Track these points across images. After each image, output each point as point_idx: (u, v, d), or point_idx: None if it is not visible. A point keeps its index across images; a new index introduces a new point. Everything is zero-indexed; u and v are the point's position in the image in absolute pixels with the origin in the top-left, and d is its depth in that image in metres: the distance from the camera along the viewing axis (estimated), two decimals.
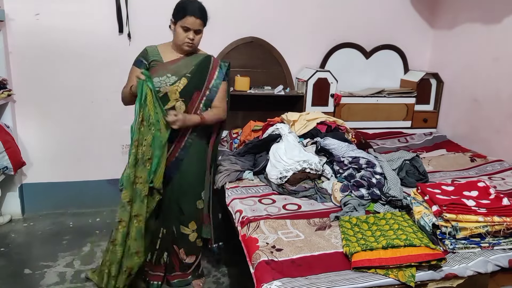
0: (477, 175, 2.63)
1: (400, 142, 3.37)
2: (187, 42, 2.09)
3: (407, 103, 3.53)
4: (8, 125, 2.99)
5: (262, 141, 2.53)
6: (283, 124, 2.63)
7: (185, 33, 2.07)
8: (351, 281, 1.42)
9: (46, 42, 3.03)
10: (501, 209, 1.62)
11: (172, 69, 2.14)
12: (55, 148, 3.24)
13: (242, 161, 2.46)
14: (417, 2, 3.61)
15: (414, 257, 1.45)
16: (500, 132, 2.99)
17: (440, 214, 1.61)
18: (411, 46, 3.68)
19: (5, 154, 2.81)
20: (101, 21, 3.10)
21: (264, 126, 2.76)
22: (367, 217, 1.82)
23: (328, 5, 3.45)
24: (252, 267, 1.54)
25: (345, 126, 2.70)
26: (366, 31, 3.56)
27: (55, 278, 2.46)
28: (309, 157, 2.24)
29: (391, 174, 2.17)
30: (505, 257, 1.57)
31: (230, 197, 2.14)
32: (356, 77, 3.60)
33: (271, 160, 2.31)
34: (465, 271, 1.50)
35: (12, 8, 2.92)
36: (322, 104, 3.33)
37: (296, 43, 3.46)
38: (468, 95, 3.29)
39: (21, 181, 3.24)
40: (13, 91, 3.00)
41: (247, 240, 1.71)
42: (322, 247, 1.63)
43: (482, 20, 3.14)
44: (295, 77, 3.48)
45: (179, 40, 2.10)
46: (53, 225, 3.13)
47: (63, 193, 3.31)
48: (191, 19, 2.04)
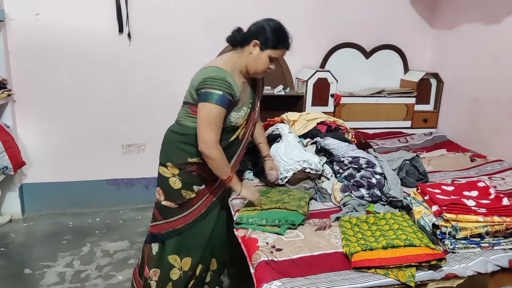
0: (477, 175, 2.63)
1: (400, 142, 3.37)
2: (267, 71, 1.83)
3: (407, 103, 3.53)
4: (8, 125, 2.99)
5: None
6: (283, 124, 2.63)
7: (269, 62, 1.80)
8: (351, 281, 1.42)
9: (46, 42, 3.03)
10: (501, 209, 1.62)
11: (243, 99, 1.86)
12: (55, 148, 3.24)
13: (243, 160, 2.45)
14: (416, 2, 3.61)
15: (414, 257, 1.45)
16: (500, 132, 2.99)
17: (440, 214, 1.61)
18: (411, 46, 3.69)
19: (5, 154, 2.81)
20: (101, 21, 3.10)
21: (264, 126, 2.76)
22: (367, 217, 1.82)
23: (328, 5, 3.46)
24: (252, 267, 1.54)
25: (345, 126, 2.70)
26: (366, 31, 3.56)
27: (55, 278, 2.47)
28: (309, 157, 2.24)
29: (391, 174, 2.17)
30: (505, 257, 1.56)
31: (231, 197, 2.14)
32: (356, 77, 3.60)
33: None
34: (465, 271, 1.50)
35: (12, 8, 2.93)
36: (322, 104, 3.33)
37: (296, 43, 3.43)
38: (468, 95, 3.29)
39: (21, 181, 3.24)
40: (13, 91, 3.00)
41: (247, 240, 1.71)
42: (322, 247, 1.63)
43: (482, 20, 3.14)
44: (295, 77, 3.48)
45: (259, 67, 1.80)
46: (53, 225, 3.13)
47: (63, 193, 3.31)
48: (284, 51, 1.83)
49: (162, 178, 1.92)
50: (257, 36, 1.77)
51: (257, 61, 1.79)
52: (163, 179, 1.91)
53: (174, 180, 1.88)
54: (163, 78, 3.28)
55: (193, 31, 3.24)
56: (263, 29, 1.77)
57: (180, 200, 1.90)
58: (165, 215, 1.94)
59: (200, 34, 3.24)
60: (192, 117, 1.82)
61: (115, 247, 2.84)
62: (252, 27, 1.81)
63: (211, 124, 1.71)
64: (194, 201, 1.91)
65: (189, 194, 1.89)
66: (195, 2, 3.17)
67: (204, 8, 3.22)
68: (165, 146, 1.94)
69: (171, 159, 1.89)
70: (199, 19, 3.23)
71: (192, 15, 3.22)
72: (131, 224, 3.20)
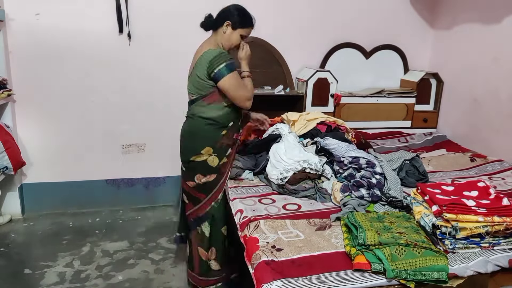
0: (477, 175, 2.63)
1: (400, 142, 3.37)
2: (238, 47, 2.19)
3: (407, 103, 3.53)
4: (8, 125, 2.99)
5: (262, 141, 2.53)
6: (283, 124, 2.63)
7: (240, 39, 2.16)
8: (351, 281, 1.42)
9: (46, 42, 3.03)
10: (501, 209, 1.61)
11: None
12: (55, 148, 3.24)
13: (244, 159, 2.45)
14: (417, 2, 3.61)
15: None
16: (500, 132, 2.99)
17: (440, 214, 1.61)
18: (411, 46, 3.69)
19: (5, 154, 2.82)
20: (101, 21, 3.10)
21: None
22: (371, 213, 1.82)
23: (328, 5, 3.46)
24: (252, 267, 1.53)
25: (345, 126, 2.69)
26: (366, 31, 3.56)
27: (55, 278, 2.47)
28: (309, 157, 2.24)
29: (391, 174, 2.17)
30: (505, 257, 1.56)
31: (231, 197, 2.15)
32: (356, 77, 3.60)
33: (271, 160, 2.30)
34: (465, 271, 1.50)
35: (12, 8, 2.93)
36: (322, 104, 3.33)
37: (296, 43, 3.46)
38: (468, 95, 3.29)
39: (21, 181, 3.24)
40: (13, 91, 3.00)
41: (247, 240, 1.71)
42: (322, 247, 1.63)
43: (481, 20, 3.14)
44: (295, 77, 3.48)
45: (233, 44, 2.16)
46: (53, 225, 3.14)
47: (63, 193, 3.31)
48: (251, 30, 2.18)
49: (199, 164, 2.16)
50: (228, 18, 2.12)
51: (231, 39, 2.14)
52: (201, 164, 2.16)
53: (212, 158, 2.16)
54: (163, 78, 3.28)
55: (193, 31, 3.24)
56: (232, 12, 2.13)
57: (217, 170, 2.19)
58: (208, 190, 2.20)
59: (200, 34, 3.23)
60: (213, 106, 2.12)
61: (115, 247, 2.84)
62: (222, 13, 2.17)
63: (239, 86, 2.09)
64: (227, 165, 2.24)
65: (223, 160, 2.20)
66: (195, 2, 3.17)
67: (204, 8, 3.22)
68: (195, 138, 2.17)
69: (205, 142, 2.15)
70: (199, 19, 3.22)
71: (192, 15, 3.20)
72: (131, 224, 3.20)
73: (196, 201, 2.22)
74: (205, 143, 2.15)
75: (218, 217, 2.24)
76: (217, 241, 2.25)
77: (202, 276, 2.28)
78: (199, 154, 2.15)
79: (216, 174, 2.19)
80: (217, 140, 2.16)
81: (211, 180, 2.19)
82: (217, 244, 2.25)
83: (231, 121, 2.18)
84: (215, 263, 2.26)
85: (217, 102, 2.12)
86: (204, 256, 2.26)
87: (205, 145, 2.15)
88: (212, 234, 2.24)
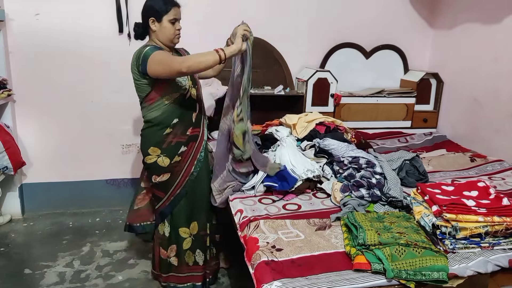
0: (477, 175, 2.63)
1: (400, 142, 3.37)
2: (178, 34, 2.07)
3: (407, 103, 3.53)
4: (8, 125, 2.99)
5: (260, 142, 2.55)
6: (282, 127, 2.63)
7: (173, 25, 2.03)
8: (351, 281, 1.42)
9: (46, 42, 3.03)
10: (501, 209, 1.62)
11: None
12: (55, 148, 3.24)
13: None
14: (416, 2, 3.61)
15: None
16: (500, 132, 2.99)
17: (440, 214, 1.61)
18: (411, 46, 3.69)
19: (5, 154, 2.81)
20: (101, 21, 3.10)
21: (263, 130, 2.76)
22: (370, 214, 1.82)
23: (328, 5, 3.46)
24: (252, 267, 1.54)
25: (343, 126, 2.70)
26: (366, 31, 3.56)
27: (55, 278, 2.47)
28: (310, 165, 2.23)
29: (391, 174, 2.17)
30: (505, 257, 1.56)
31: (230, 197, 2.15)
32: (356, 77, 3.60)
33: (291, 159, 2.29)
34: (465, 271, 1.50)
35: (12, 8, 2.93)
36: (322, 104, 3.33)
37: (296, 43, 3.46)
38: (468, 95, 3.29)
39: (21, 181, 3.24)
40: (13, 91, 3.00)
41: (247, 240, 1.71)
42: (322, 247, 1.63)
43: (482, 20, 3.14)
44: (295, 77, 3.48)
45: (170, 34, 2.04)
46: (53, 225, 3.13)
47: (63, 193, 3.31)
48: (177, 9, 2.05)
49: (151, 165, 2.15)
50: (148, 15, 2.02)
51: (164, 32, 2.03)
52: (152, 165, 2.15)
53: (161, 159, 2.13)
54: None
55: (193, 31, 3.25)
56: (148, 7, 2.03)
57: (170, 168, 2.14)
58: (165, 188, 2.19)
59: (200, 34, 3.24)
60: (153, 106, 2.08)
61: (115, 247, 2.84)
62: (142, 15, 2.06)
63: (165, 60, 1.91)
64: (181, 164, 2.17)
65: (176, 159, 2.14)
66: (194, 2, 3.17)
67: (204, 8, 3.23)
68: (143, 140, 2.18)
69: (151, 144, 2.13)
70: (199, 19, 3.23)
71: (192, 15, 3.22)
72: None
73: (158, 199, 2.24)
74: (150, 144, 2.12)
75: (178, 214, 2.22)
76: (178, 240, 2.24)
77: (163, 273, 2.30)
78: (148, 156, 2.14)
79: (170, 173, 2.15)
80: (161, 141, 2.11)
81: (165, 179, 2.16)
82: (178, 243, 2.24)
83: (175, 118, 2.09)
84: (176, 261, 2.26)
85: (156, 102, 2.06)
86: (163, 255, 2.26)
87: (151, 147, 2.12)
88: (173, 233, 2.24)
